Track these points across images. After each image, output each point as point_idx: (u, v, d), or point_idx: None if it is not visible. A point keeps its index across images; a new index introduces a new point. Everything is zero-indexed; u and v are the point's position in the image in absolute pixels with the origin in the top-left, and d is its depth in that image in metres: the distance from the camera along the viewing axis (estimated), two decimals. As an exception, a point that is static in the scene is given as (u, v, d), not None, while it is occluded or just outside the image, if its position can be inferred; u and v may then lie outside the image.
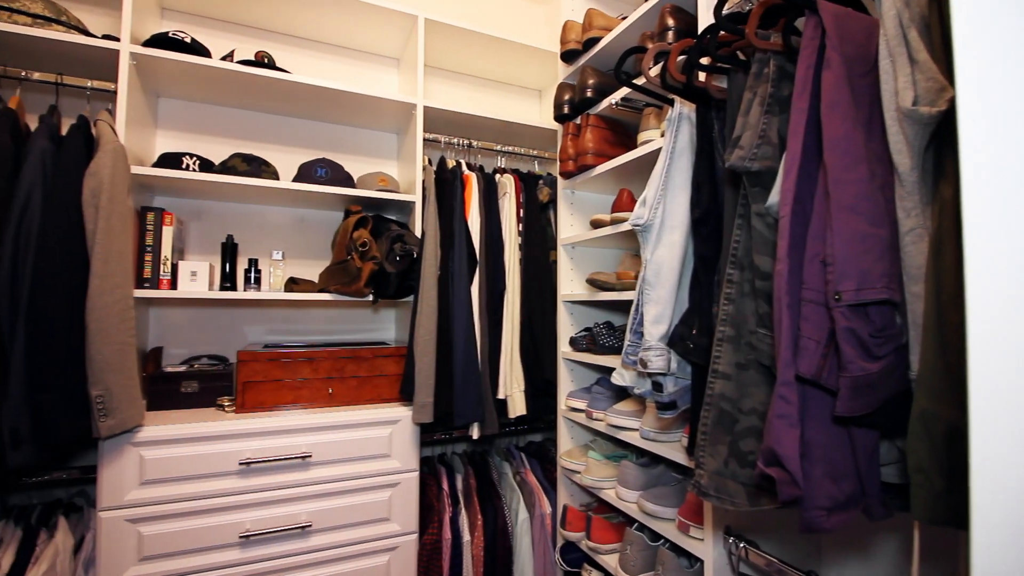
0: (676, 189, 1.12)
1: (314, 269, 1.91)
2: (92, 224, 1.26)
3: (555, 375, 1.79)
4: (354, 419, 1.56)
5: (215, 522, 1.39)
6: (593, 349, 1.61)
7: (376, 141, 2.09)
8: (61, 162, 1.28)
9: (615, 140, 1.61)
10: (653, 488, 1.38)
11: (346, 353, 1.65)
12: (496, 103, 2.32)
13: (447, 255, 1.68)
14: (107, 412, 1.24)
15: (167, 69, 1.55)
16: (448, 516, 1.69)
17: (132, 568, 1.31)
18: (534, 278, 1.80)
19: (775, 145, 0.90)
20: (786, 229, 0.81)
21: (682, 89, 1.10)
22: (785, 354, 0.79)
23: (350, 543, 1.53)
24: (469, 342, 1.64)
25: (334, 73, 2.02)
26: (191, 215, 1.79)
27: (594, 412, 1.54)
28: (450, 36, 1.94)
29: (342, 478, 1.53)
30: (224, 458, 1.41)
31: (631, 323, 1.14)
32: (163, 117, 1.78)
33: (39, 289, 1.20)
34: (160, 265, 1.51)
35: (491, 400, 1.68)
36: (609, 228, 1.51)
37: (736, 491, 0.90)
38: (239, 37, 1.89)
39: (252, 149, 1.88)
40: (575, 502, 1.76)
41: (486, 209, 1.77)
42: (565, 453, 1.70)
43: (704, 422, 0.92)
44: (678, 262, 1.10)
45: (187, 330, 1.77)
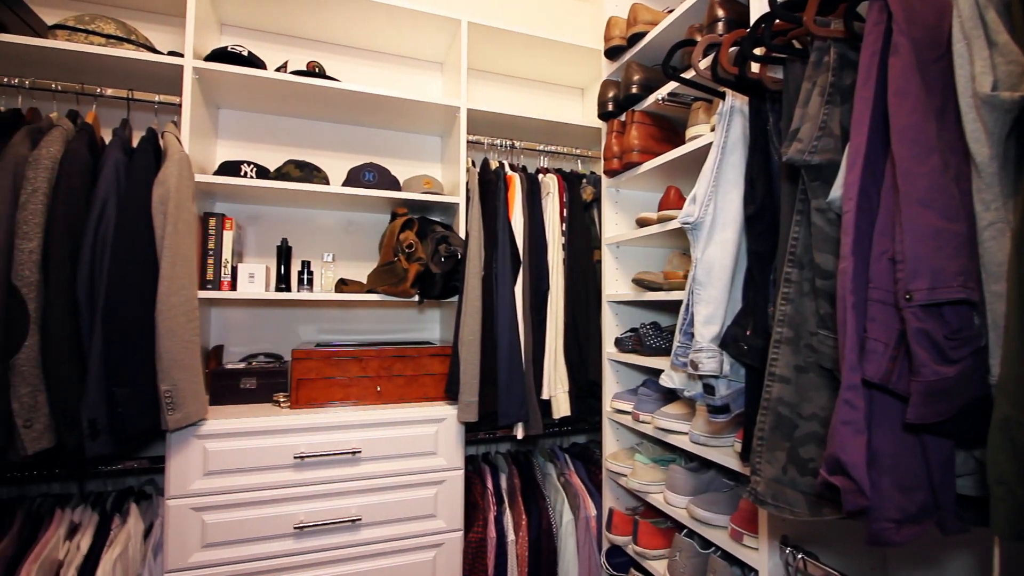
0: (728, 185, 1.08)
1: (362, 270, 1.97)
2: (160, 229, 1.34)
3: (600, 376, 1.77)
4: (401, 416, 1.59)
5: (271, 513, 1.45)
6: (639, 350, 1.58)
7: (421, 144, 2.13)
8: (132, 172, 1.37)
9: (661, 137, 1.58)
10: (703, 494, 1.34)
11: (393, 352, 1.68)
12: (538, 103, 2.32)
13: (491, 256, 1.69)
14: (174, 406, 1.31)
15: (226, 81, 1.63)
16: (493, 515, 1.70)
17: (196, 554, 1.39)
18: (578, 278, 1.78)
19: (837, 137, 0.86)
20: (851, 225, 0.77)
21: (734, 81, 1.06)
22: (850, 357, 0.75)
23: (398, 538, 1.57)
24: (513, 342, 1.65)
25: (380, 79, 2.08)
26: (249, 220, 1.88)
27: (641, 414, 1.51)
28: (492, 38, 1.95)
29: (390, 474, 1.57)
30: (280, 452, 1.47)
31: (681, 324, 1.12)
32: (223, 127, 1.87)
33: (114, 291, 1.28)
34: (221, 268, 1.59)
35: (535, 400, 1.67)
36: (656, 227, 1.48)
37: (796, 499, 0.86)
38: (292, 48, 1.96)
39: (304, 155, 1.95)
40: (621, 505, 1.73)
41: (529, 209, 1.77)
42: (610, 455, 1.68)
43: (760, 427, 0.88)
44: (730, 261, 1.07)
45: (245, 329, 1.86)
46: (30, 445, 1.23)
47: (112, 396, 1.28)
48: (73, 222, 1.29)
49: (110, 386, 1.27)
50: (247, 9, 1.79)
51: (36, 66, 1.49)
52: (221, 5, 1.77)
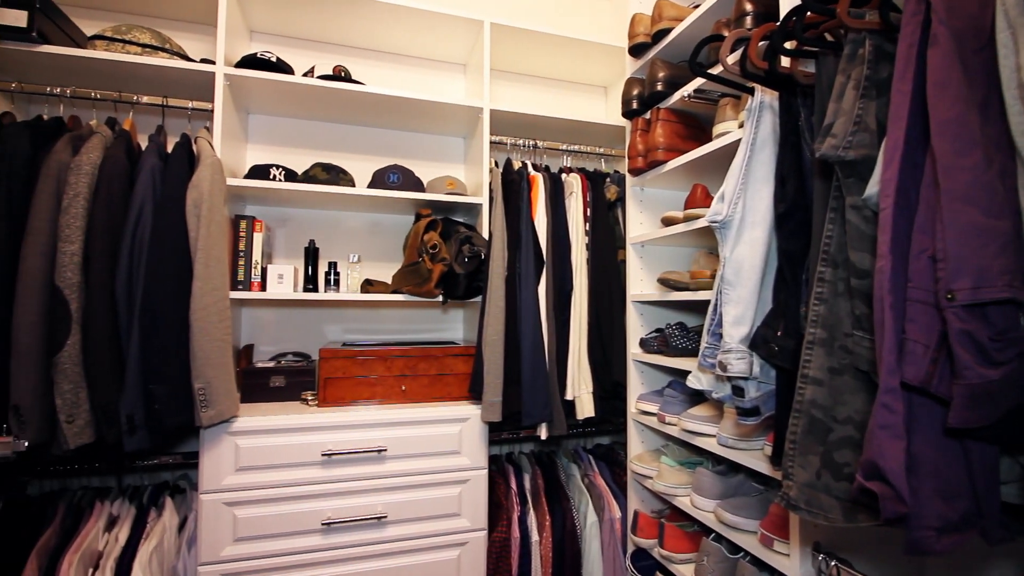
0: (758, 182, 1.06)
1: (387, 271, 1.99)
2: (194, 232, 1.38)
3: (624, 377, 1.75)
4: (426, 416, 1.60)
5: (300, 509, 1.48)
6: (665, 351, 1.56)
7: (444, 146, 2.14)
8: (168, 177, 1.41)
9: (687, 134, 1.55)
10: (732, 498, 1.31)
11: (418, 352, 1.70)
12: (561, 102, 2.31)
13: (514, 256, 1.69)
14: (208, 403, 1.35)
15: (256, 87, 1.67)
16: (516, 515, 1.70)
17: (228, 548, 1.42)
18: (602, 278, 1.77)
19: (872, 132, 0.84)
20: (888, 222, 0.74)
21: (764, 76, 1.04)
22: (888, 359, 0.72)
23: (422, 536, 1.58)
24: (536, 342, 1.64)
25: (404, 82, 2.10)
26: (278, 222, 1.92)
27: (667, 416, 1.49)
28: (515, 38, 1.95)
29: (415, 472, 1.58)
30: (308, 449, 1.49)
31: (708, 324, 1.10)
32: (253, 132, 1.92)
33: (150, 291, 1.33)
34: (252, 269, 1.63)
35: (559, 401, 1.67)
36: (682, 226, 1.45)
37: (830, 505, 0.84)
38: (318, 53, 2.00)
39: (330, 158, 1.98)
40: (646, 508, 1.71)
41: (552, 209, 1.77)
42: (636, 457, 1.66)
43: (793, 430, 0.86)
44: (760, 260, 1.04)
45: (274, 328, 1.90)
46: (72, 440, 1.28)
47: (149, 393, 1.32)
48: (112, 225, 1.33)
49: (147, 383, 1.32)
50: (275, 16, 1.83)
51: (77, 75, 1.55)
52: (251, 13, 1.81)
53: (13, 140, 1.34)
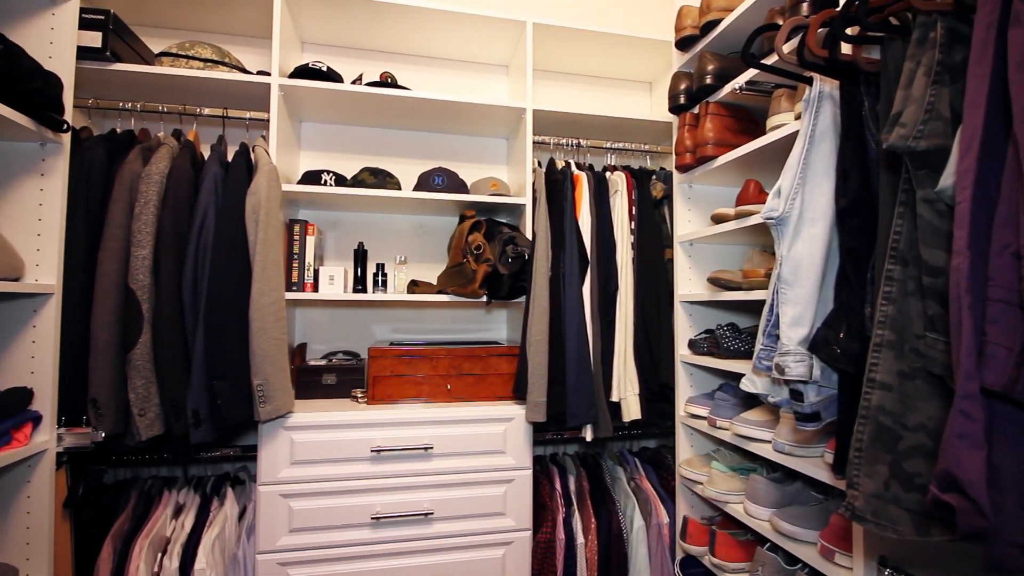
0: (817, 176, 1.01)
1: (432, 272, 2.02)
2: (253, 236, 1.44)
3: (672, 379, 1.71)
4: (471, 415, 1.62)
5: (350, 503, 1.52)
6: (716, 352, 1.51)
7: (487, 147, 2.16)
8: (228, 184, 1.49)
9: (738, 128, 1.50)
10: (789, 507, 1.26)
11: (463, 352, 1.72)
12: (605, 99, 2.28)
13: (558, 256, 1.68)
14: (266, 399, 1.41)
15: (308, 96, 1.73)
16: (561, 517, 1.69)
17: (284, 538, 1.48)
18: (648, 277, 1.73)
19: (946, 120, 0.78)
20: (966, 216, 0.69)
21: (824, 65, 0.99)
22: (967, 363, 0.67)
23: (468, 533, 1.59)
24: (581, 343, 1.63)
25: (448, 86, 2.13)
26: (328, 225, 1.99)
27: (718, 420, 1.44)
28: (558, 37, 1.94)
29: (460, 470, 1.60)
30: (358, 445, 1.54)
31: (764, 325, 1.05)
32: (305, 139, 1.99)
33: (213, 292, 1.40)
34: (305, 271, 1.69)
35: (604, 402, 1.65)
36: (733, 223, 1.41)
37: (899, 517, 0.79)
38: (366, 61, 2.05)
39: (378, 162, 2.03)
40: (696, 514, 1.67)
41: (597, 208, 1.75)
42: (685, 462, 1.62)
43: (858, 438, 0.82)
44: (820, 258, 1.00)
45: (325, 328, 1.97)
46: (144, 432, 1.36)
47: (212, 389, 1.39)
48: (179, 230, 1.42)
49: (210, 379, 1.39)
50: (326, 27, 1.90)
51: (146, 90, 1.66)
52: (302, 25, 1.88)
53: (91, 152, 1.44)
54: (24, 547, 1.22)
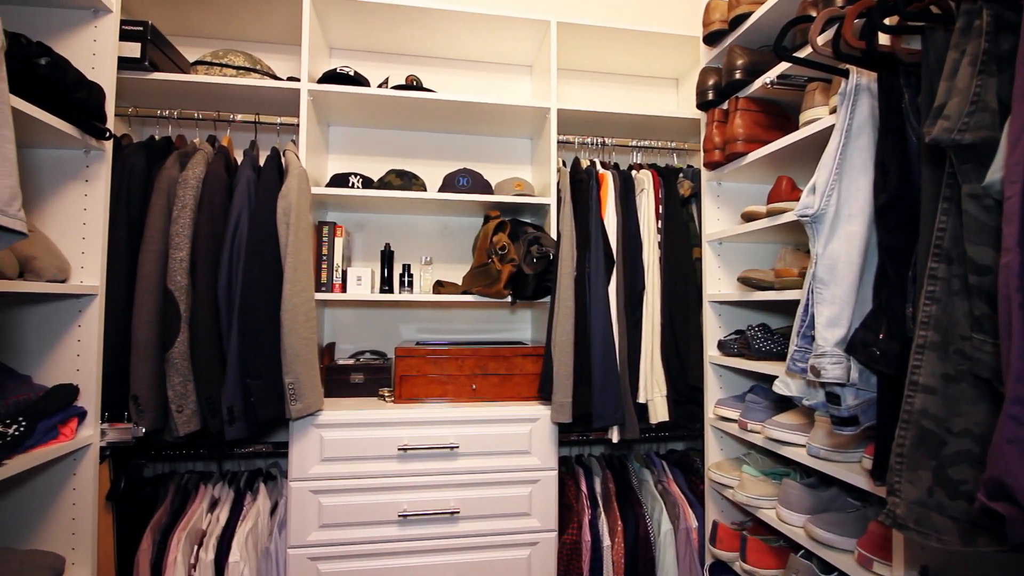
0: (854, 172, 0.98)
1: (457, 272, 2.03)
2: (284, 238, 1.48)
3: (701, 381, 1.68)
4: (496, 415, 1.62)
5: (378, 500, 1.54)
6: (746, 354, 1.48)
7: (511, 148, 2.16)
8: (260, 188, 1.52)
9: (770, 123, 1.47)
10: (824, 513, 1.22)
11: (488, 352, 1.72)
12: (630, 97, 2.25)
13: (583, 255, 1.67)
14: (297, 397, 1.44)
15: (336, 100, 1.76)
16: (587, 518, 1.68)
17: (314, 533, 1.51)
18: (676, 277, 1.71)
19: (993, 111, 0.74)
20: (1016, 212, 0.66)
21: (861, 57, 0.96)
22: (1017, 365, 0.64)
23: (493, 533, 1.60)
24: (607, 343, 1.61)
25: (472, 87, 2.14)
26: (356, 227, 2.02)
27: (749, 423, 1.41)
28: (582, 36, 1.93)
29: (486, 470, 1.60)
30: (386, 443, 1.56)
31: (798, 326, 1.03)
32: (333, 142, 2.03)
33: (247, 293, 1.44)
34: (333, 272, 1.73)
35: (631, 404, 1.63)
36: (765, 221, 1.37)
37: (944, 526, 0.75)
38: (391, 64, 2.08)
39: (404, 164, 2.06)
40: (725, 519, 1.63)
41: (623, 207, 1.73)
42: (714, 465, 1.59)
43: (900, 443, 0.79)
44: (858, 256, 0.96)
45: (353, 328, 2.00)
46: (181, 427, 1.41)
47: (246, 386, 1.43)
48: (214, 233, 1.46)
49: (244, 377, 1.43)
50: (352, 32, 1.93)
51: (182, 98, 1.71)
52: (330, 31, 1.92)
53: (131, 159, 1.50)
54: (70, 537, 1.27)
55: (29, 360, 1.27)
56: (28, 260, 1.14)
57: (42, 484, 1.26)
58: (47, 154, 1.29)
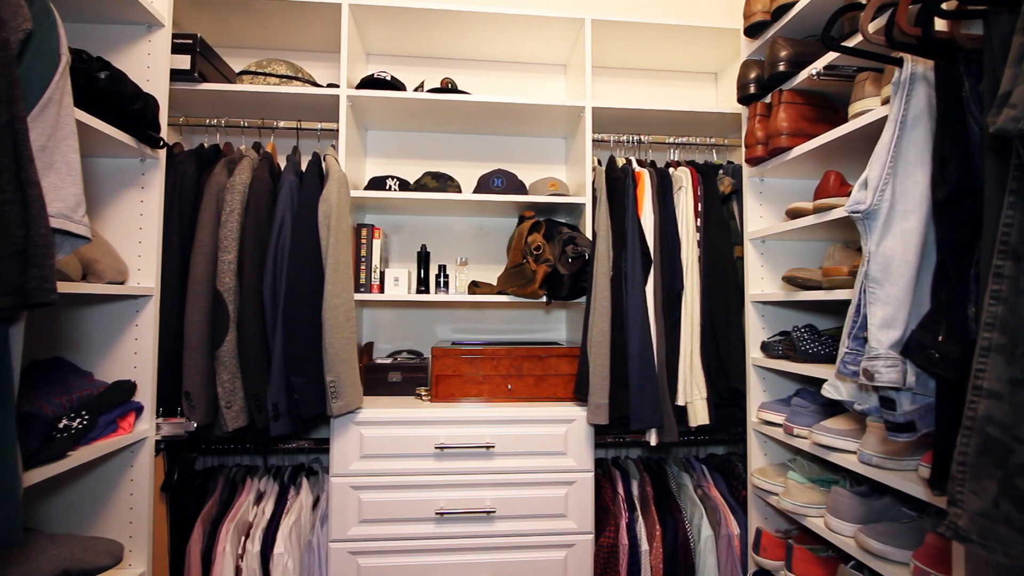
0: (910, 165, 0.93)
1: (492, 273, 2.04)
2: (325, 240, 1.52)
3: (743, 383, 1.63)
4: (532, 415, 1.62)
5: (416, 497, 1.57)
6: (792, 356, 1.43)
7: (545, 148, 2.15)
8: (302, 192, 1.57)
9: (816, 116, 1.41)
10: (876, 523, 1.16)
11: (523, 352, 1.72)
12: (667, 93, 2.21)
13: (619, 255, 1.65)
14: (337, 395, 1.48)
15: (373, 105, 1.80)
16: (624, 521, 1.65)
17: (354, 528, 1.55)
18: (716, 276, 1.66)
19: (1067, 97, 0.69)
20: (1096, 205, 0.61)
21: (916, 44, 0.91)
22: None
23: (529, 533, 1.60)
24: (645, 344, 1.59)
25: (506, 88, 2.14)
26: (393, 228, 2.06)
27: (795, 428, 1.36)
28: (617, 32, 1.91)
29: (521, 470, 1.60)
30: (423, 442, 1.58)
31: (849, 327, 0.98)
32: (370, 146, 2.07)
33: (291, 293, 1.48)
34: (371, 273, 1.76)
35: (670, 406, 1.60)
36: (811, 218, 1.32)
37: (1011, 539, 0.71)
38: (427, 68, 2.11)
39: (439, 166, 2.08)
40: (769, 526, 1.58)
41: (660, 205, 1.70)
42: (758, 471, 1.54)
43: (962, 451, 0.74)
44: (914, 254, 0.91)
45: (390, 327, 2.04)
46: (230, 423, 1.47)
47: (290, 384, 1.48)
48: (260, 236, 1.51)
49: (288, 375, 1.48)
50: (389, 38, 1.96)
51: (228, 106, 1.78)
52: (367, 37, 1.96)
53: (183, 166, 1.57)
54: (127, 526, 1.34)
55: (91, 357, 1.35)
56: (90, 263, 1.21)
57: (102, 475, 1.34)
58: (106, 163, 1.36)
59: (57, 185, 0.88)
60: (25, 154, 0.79)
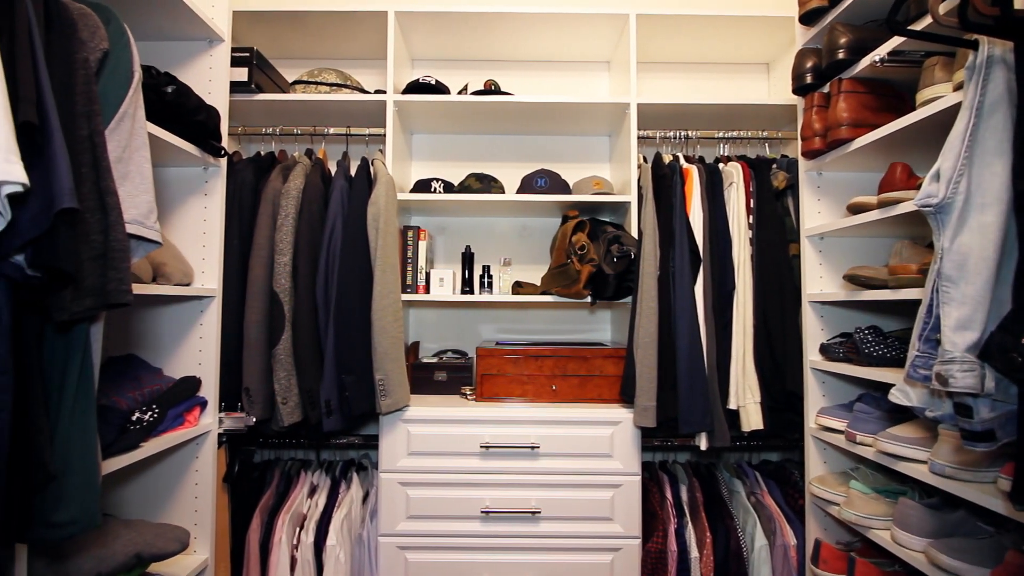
0: (988, 155, 0.86)
1: (535, 273, 2.04)
2: (373, 242, 1.56)
3: (800, 387, 1.56)
4: (577, 416, 1.61)
5: (462, 495, 1.58)
6: (854, 359, 1.35)
7: (589, 146, 2.13)
8: (352, 196, 1.62)
9: (879, 105, 1.33)
10: (950, 538, 1.09)
11: (568, 352, 1.71)
12: (715, 86, 2.14)
13: (667, 254, 1.61)
14: (386, 393, 1.52)
15: (418, 109, 1.84)
16: (673, 527, 1.61)
17: (402, 523, 1.58)
18: (770, 275, 1.60)
19: None
20: None
21: (993, 24, 0.84)
22: None
23: (575, 535, 1.58)
24: (694, 345, 1.54)
25: (549, 87, 2.13)
26: (437, 230, 2.09)
27: (858, 435, 1.29)
28: (663, 26, 1.86)
29: (567, 471, 1.59)
30: (468, 440, 1.59)
31: (920, 329, 0.92)
32: (416, 150, 2.12)
33: (342, 294, 1.54)
34: (417, 273, 1.80)
35: (721, 410, 1.54)
36: (875, 213, 1.25)
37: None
38: (470, 71, 2.12)
39: (483, 168, 2.09)
40: (829, 538, 1.50)
41: (709, 202, 1.65)
42: (817, 479, 1.46)
43: (1053, 464, 0.68)
44: (993, 250, 0.85)
45: (436, 327, 2.07)
46: (286, 418, 1.53)
47: (341, 382, 1.53)
48: (313, 239, 1.57)
49: (339, 373, 1.53)
50: (432, 42, 2.00)
51: (282, 115, 1.86)
52: (412, 43, 2.00)
53: (241, 174, 1.65)
54: (192, 514, 1.42)
55: (160, 354, 1.44)
56: (159, 266, 1.29)
57: (170, 465, 1.43)
58: (172, 172, 1.45)
59: (132, 193, 0.94)
60: (104, 165, 0.85)
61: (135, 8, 1.28)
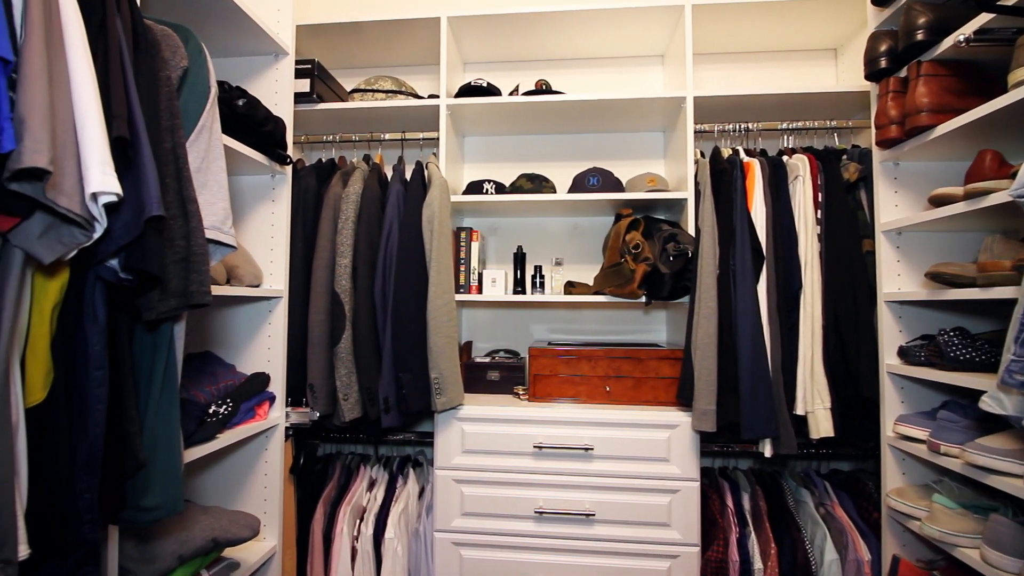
0: (1101, 137, 0.77)
1: (587, 272, 2.02)
2: (428, 244, 1.60)
3: (876, 392, 1.46)
4: (632, 419, 1.58)
5: (515, 494, 1.59)
6: (938, 363, 1.25)
7: (642, 143, 2.09)
8: (408, 199, 1.66)
9: (964, 89, 1.22)
10: (1054, 562, 0.98)
11: (622, 353, 1.68)
12: (776, 75, 2.05)
13: (727, 252, 1.55)
14: (441, 391, 1.55)
15: (471, 112, 1.86)
16: (735, 536, 1.55)
17: (457, 520, 1.61)
18: (841, 273, 1.51)
19: None
20: None
21: (1108, -9, 0.75)
22: None
23: (630, 540, 1.55)
24: (757, 347, 1.47)
25: (600, 84, 2.11)
26: (489, 231, 2.11)
27: (943, 445, 1.19)
28: (720, 15, 1.79)
29: (622, 475, 1.57)
30: (521, 440, 1.60)
31: (1016, 331, 0.84)
32: (468, 152, 2.14)
33: (398, 294, 1.58)
34: (470, 274, 1.83)
35: (787, 415, 1.47)
36: (961, 205, 1.15)
37: None
38: (521, 72, 2.13)
39: (534, 168, 2.10)
40: (908, 555, 1.40)
41: (773, 197, 1.57)
42: (895, 492, 1.36)
43: None
44: (1108, 243, 0.76)
45: (488, 327, 2.09)
46: (347, 414, 1.59)
47: (398, 379, 1.57)
48: (371, 241, 1.63)
49: (397, 371, 1.57)
50: (484, 45, 2.02)
51: (342, 123, 1.94)
52: (464, 47, 2.03)
53: (305, 180, 1.73)
54: (262, 503, 1.50)
55: (233, 351, 1.53)
56: (233, 268, 1.37)
57: (242, 456, 1.52)
58: (243, 179, 1.54)
59: (210, 201, 1.01)
60: (186, 175, 0.91)
61: (210, 27, 1.37)
